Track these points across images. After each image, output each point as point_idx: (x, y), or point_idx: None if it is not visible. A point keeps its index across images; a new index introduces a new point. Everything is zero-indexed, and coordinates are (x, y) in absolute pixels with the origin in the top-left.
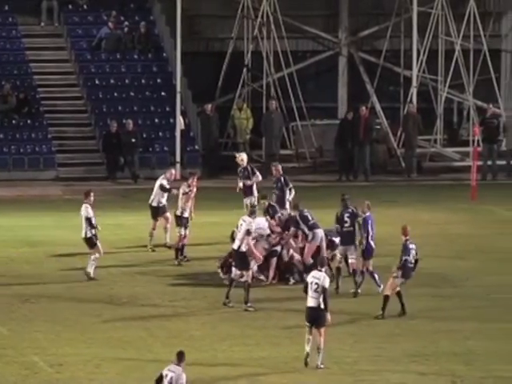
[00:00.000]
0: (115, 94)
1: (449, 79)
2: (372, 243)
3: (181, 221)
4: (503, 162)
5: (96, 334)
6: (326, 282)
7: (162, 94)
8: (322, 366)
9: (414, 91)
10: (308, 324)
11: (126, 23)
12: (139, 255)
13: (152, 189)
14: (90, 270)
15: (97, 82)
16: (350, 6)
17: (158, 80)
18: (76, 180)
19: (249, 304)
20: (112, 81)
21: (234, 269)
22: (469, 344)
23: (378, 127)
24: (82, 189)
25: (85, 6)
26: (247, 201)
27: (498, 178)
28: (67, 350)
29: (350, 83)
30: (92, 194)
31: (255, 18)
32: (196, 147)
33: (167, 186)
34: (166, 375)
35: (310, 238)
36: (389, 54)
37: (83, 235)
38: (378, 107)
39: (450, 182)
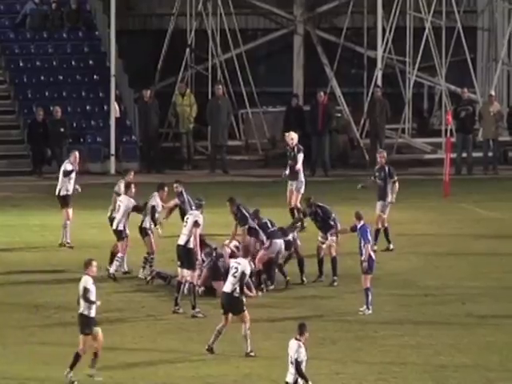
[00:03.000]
0: (41, 78)
1: (418, 61)
2: (373, 255)
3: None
4: (479, 155)
5: (20, 348)
6: (247, 269)
7: (95, 77)
8: (252, 354)
9: (379, 74)
10: (222, 311)
11: None
12: (68, 259)
13: (81, 185)
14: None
15: (21, 64)
16: None
17: (90, 62)
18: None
19: (197, 309)
20: (38, 63)
21: (180, 269)
22: (441, 359)
23: (339, 115)
24: (4, 185)
25: None
26: (293, 185)
27: (473, 173)
28: None
29: (307, 65)
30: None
31: None
32: (133, 138)
33: (69, 168)
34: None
35: (266, 245)
36: (350, 33)
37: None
38: (338, 92)
39: (419, 176)
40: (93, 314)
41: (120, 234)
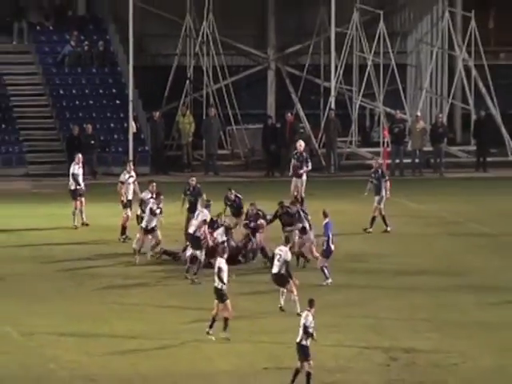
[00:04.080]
0: (77, 102)
1: (362, 89)
2: (332, 246)
3: (126, 203)
4: (408, 161)
5: (61, 308)
6: (288, 256)
7: (117, 102)
8: (301, 313)
9: (332, 100)
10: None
11: (86, 42)
12: (94, 238)
13: (106, 184)
14: (148, 253)
15: (61, 91)
16: (276, 26)
17: (113, 90)
18: (43, 176)
19: (196, 276)
20: (74, 91)
21: (188, 249)
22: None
23: (302, 131)
24: (49, 184)
25: (51, 27)
26: (298, 182)
27: (404, 174)
28: (36, 321)
29: (278, 93)
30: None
31: (196, 37)
32: (146, 148)
33: (73, 170)
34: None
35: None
36: (311, 68)
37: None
38: (301, 113)
39: (363, 177)
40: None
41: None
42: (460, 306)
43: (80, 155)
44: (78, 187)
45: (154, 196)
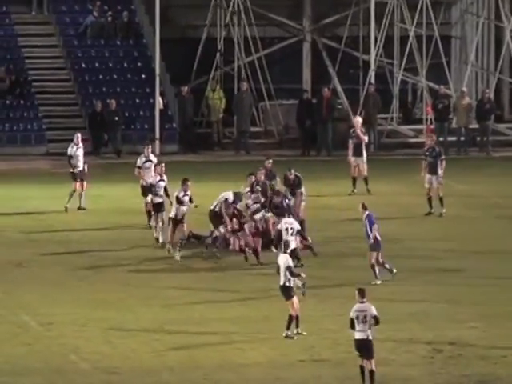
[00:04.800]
0: (100, 77)
1: (404, 63)
2: (378, 237)
3: (145, 190)
4: (453, 138)
5: (82, 295)
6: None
7: (142, 76)
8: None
9: (372, 74)
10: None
11: (110, 12)
12: (117, 221)
13: (131, 163)
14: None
15: (83, 65)
16: None
17: (139, 64)
18: (64, 155)
19: (215, 249)
20: (97, 64)
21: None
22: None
23: (340, 107)
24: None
25: None
26: (358, 160)
27: (448, 153)
28: (56, 310)
29: (314, 67)
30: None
31: (227, 7)
32: (173, 125)
33: (69, 151)
34: (358, 316)
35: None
36: (349, 40)
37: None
38: (339, 88)
39: (404, 157)
40: (292, 284)
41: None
42: (506, 294)
43: (79, 135)
44: (75, 170)
45: (164, 178)
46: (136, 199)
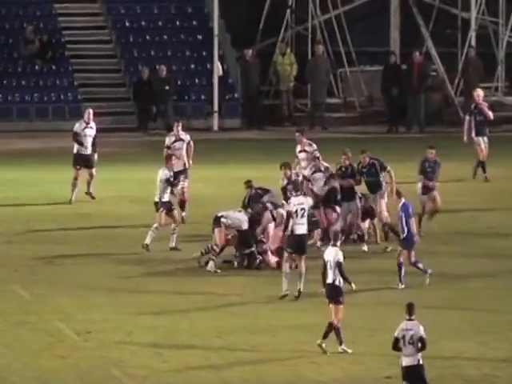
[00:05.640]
0: (147, 38)
1: (511, 22)
2: (414, 233)
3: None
4: None
5: (126, 298)
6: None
7: (198, 37)
8: (302, 290)
9: (472, 35)
10: (290, 250)
11: None
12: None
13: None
14: (149, 240)
15: (127, 24)
16: None
17: (194, 22)
18: (104, 131)
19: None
20: (143, 23)
21: None
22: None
23: (434, 74)
24: (111, 141)
25: None
26: (480, 141)
27: None
28: (95, 316)
29: (403, 26)
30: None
31: None
32: (235, 95)
33: (76, 128)
34: (404, 336)
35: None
36: None
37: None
38: (433, 52)
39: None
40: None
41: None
42: None
43: (91, 111)
44: (81, 152)
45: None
46: (193, 184)
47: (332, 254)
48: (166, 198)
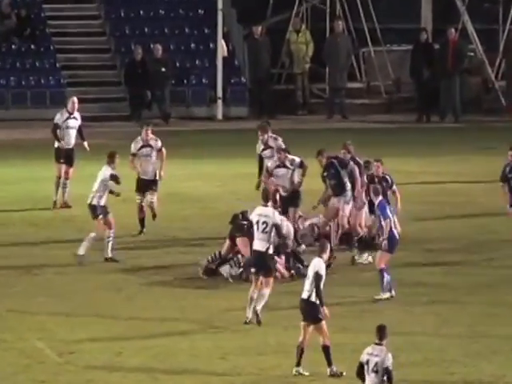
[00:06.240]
0: (140, 13)
1: None
2: (396, 233)
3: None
4: None
5: (116, 313)
6: (277, 218)
7: (199, 11)
8: (258, 309)
9: None
10: (253, 270)
11: None
12: (167, 216)
13: (184, 132)
14: (82, 251)
15: None
16: None
17: None
18: (91, 120)
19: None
20: None
21: None
22: None
23: (471, 54)
24: (99, 132)
25: None
26: None
27: None
28: (80, 334)
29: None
30: (117, 156)
31: None
32: (242, 79)
33: (57, 118)
34: (368, 361)
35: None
36: None
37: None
38: (470, 29)
39: None
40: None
41: None
42: None
43: (75, 99)
44: (60, 145)
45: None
46: (192, 182)
47: (312, 264)
48: (103, 201)
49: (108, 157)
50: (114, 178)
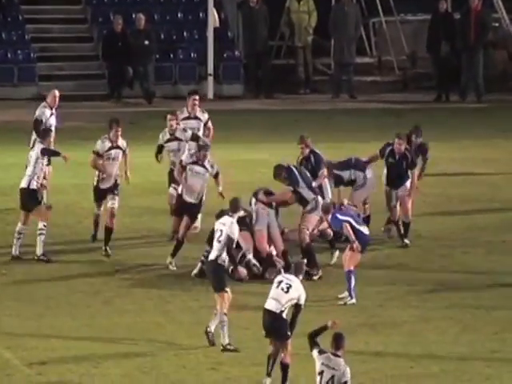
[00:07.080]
0: None
1: None
2: (366, 232)
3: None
4: None
5: (94, 319)
6: (235, 231)
7: None
8: (212, 330)
9: None
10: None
11: None
12: (149, 207)
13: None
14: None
15: None
16: None
17: None
18: (65, 100)
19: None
20: None
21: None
22: None
23: (496, 25)
24: (74, 113)
25: None
26: None
27: None
28: (52, 342)
29: None
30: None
31: None
32: (236, 54)
33: (39, 113)
34: (323, 372)
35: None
36: None
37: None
38: None
39: None
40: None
41: None
42: None
43: (57, 93)
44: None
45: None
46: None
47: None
48: (35, 184)
49: (40, 136)
50: (46, 151)
